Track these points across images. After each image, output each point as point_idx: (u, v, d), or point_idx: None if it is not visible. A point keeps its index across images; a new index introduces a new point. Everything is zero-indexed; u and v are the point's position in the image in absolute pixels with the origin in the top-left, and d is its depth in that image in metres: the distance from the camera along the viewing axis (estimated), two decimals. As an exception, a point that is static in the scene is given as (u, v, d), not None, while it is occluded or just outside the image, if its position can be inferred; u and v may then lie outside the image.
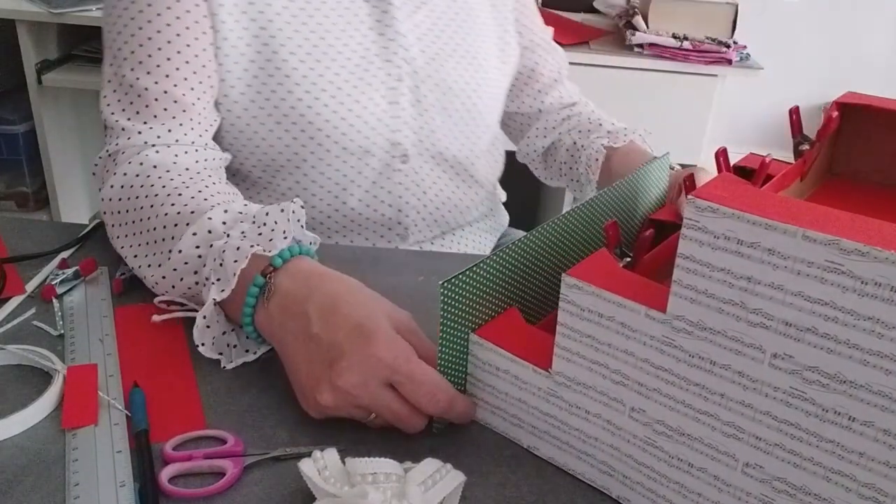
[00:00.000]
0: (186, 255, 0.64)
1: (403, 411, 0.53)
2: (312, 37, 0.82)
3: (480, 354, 0.55)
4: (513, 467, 0.54)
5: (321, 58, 0.82)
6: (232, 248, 0.60)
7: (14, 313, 0.67)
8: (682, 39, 1.84)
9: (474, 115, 0.93)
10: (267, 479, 0.51)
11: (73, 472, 0.50)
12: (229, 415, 0.57)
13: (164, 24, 0.76)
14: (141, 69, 0.76)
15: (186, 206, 0.67)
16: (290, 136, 0.83)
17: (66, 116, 2.06)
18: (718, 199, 0.41)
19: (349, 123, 0.83)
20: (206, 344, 0.61)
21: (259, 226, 0.63)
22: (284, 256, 0.60)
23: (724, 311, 0.42)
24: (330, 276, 0.60)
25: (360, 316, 0.55)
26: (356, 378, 0.52)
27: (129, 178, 0.72)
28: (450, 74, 0.90)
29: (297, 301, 0.57)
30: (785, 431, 0.42)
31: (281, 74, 0.81)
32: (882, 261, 0.37)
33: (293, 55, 0.81)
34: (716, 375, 0.44)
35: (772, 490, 0.44)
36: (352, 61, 0.84)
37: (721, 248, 0.41)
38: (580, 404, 0.51)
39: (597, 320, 0.48)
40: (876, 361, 0.38)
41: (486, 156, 0.99)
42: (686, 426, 0.47)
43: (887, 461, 0.40)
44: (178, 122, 0.76)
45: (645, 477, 0.50)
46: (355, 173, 0.86)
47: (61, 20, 1.80)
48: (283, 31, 0.81)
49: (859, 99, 0.64)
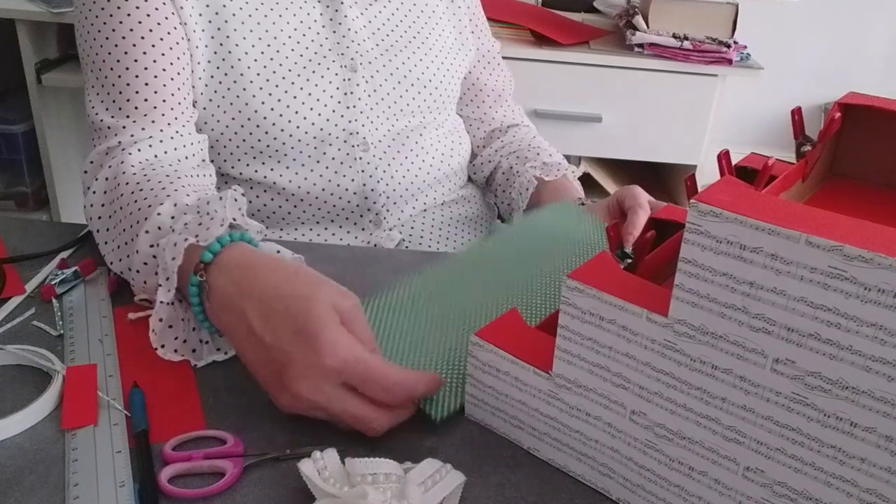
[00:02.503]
0: (143, 256, 0.64)
1: (360, 411, 0.52)
2: (266, 36, 0.85)
3: (481, 356, 0.55)
4: (513, 468, 0.54)
5: (274, 56, 0.85)
6: (170, 244, 0.60)
7: (13, 313, 0.66)
8: (683, 39, 1.83)
9: (432, 101, 0.96)
10: (267, 480, 0.51)
11: (72, 473, 0.50)
12: (229, 415, 0.57)
13: (135, 22, 0.77)
14: (119, 66, 0.77)
15: (146, 199, 0.67)
16: (246, 131, 0.85)
17: (66, 116, 2.05)
18: (721, 203, 0.41)
19: (302, 116, 0.86)
20: (167, 346, 0.61)
21: (202, 215, 0.62)
22: (214, 250, 0.58)
23: (726, 316, 0.42)
24: (263, 266, 0.57)
25: (300, 316, 0.52)
26: (308, 384, 0.51)
27: (106, 184, 0.73)
28: (405, 63, 0.93)
29: (231, 300, 0.56)
30: (786, 436, 0.42)
31: (235, 73, 0.83)
32: (886, 267, 0.36)
33: (247, 55, 0.84)
34: (717, 380, 0.44)
35: (772, 494, 0.44)
36: (304, 57, 0.87)
37: (723, 253, 0.41)
38: (581, 406, 0.51)
39: (598, 323, 0.48)
40: (878, 368, 0.38)
41: (447, 139, 1.00)
42: (687, 430, 0.46)
43: (889, 467, 0.40)
44: (159, 111, 0.78)
45: (645, 479, 0.50)
46: (314, 162, 0.88)
47: (61, 20, 1.80)
48: (238, 31, 0.84)
49: (862, 100, 0.64)
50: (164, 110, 0.78)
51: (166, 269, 0.60)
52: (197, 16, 0.82)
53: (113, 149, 0.75)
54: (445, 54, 0.99)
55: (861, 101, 0.64)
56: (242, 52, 0.84)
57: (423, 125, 0.96)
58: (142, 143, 0.75)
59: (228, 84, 0.84)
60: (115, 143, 0.75)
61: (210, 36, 0.83)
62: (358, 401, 0.52)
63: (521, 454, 0.55)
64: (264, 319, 0.54)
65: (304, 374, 0.51)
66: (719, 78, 1.85)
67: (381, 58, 0.92)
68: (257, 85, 0.84)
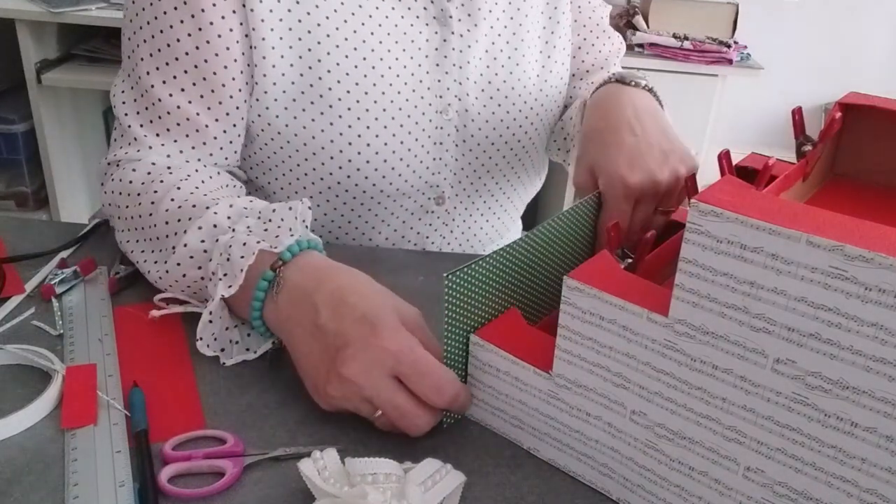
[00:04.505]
0: (191, 249, 0.63)
1: (407, 406, 0.53)
2: (363, 65, 0.76)
3: (481, 356, 0.55)
4: (513, 468, 0.54)
5: (370, 89, 0.77)
6: (238, 244, 0.60)
7: (13, 313, 0.66)
8: (683, 39, 1.84)
9: (517, 153, 0.89)
10: (266, 480, 0.51)
11: (72, 472, 0.50)
12: (229, 415, 0.57)
13: (184, 32, 0.70)
14: (157, 75, 0.72)
15: (187, 200, 0.66)
16: (326, 169, 0.79)
17: (66, 116, 2.06)
18: (722, 203, 0.41)
19: (391, 166, 0.80)
20: (206, 339, 0.61)
21: (265, 221, 0.62)
22: (293, 251, 0.60)
23: (726, 316, 0.42)
24: (339, 270, 0.59)
25: (367, 307, 0.55)
26: (360, 366, 0.52)
27: (133, 174, 0.71)
28: (495, 114, 0.85)
29: (305, 293, 0.57)
30: (787, 436, 0.42)
31: (323, 103, 0.76)
32: (886, 267, 0.36)
33: (339, 84, 0.76)
34: (718, 379, 0.44)
35: (773, 494, 0.44)
36: (402, 95, 0.79)
37: (724, 253, 0.41)
38: (581, 406, 0.51)
39: (598, 323, 0.48)
40: (879, 368, 0.38)
41: (523, 188, 0.95)
42: (687, 430, 0.46)
43: (889, 467, 0.39)
44: (190, 143, 0.74)
45: (645, 479, 0.50)
46: (387, 213, 0.84)
47: (61, 19, 1.80)
48: (332, 56, 0.75)
49: (862, 99, 0.64)
50: (195, 142, 0.74)
51: (228, 266, 0.60)
52: (284, 30, 0.73)
53: (139, 162, 0.73)
54: (536, 103, 0.88)
55: (862, 101, 0.64)
56: (335, 79, 0.75)
57: (504, 178, 0.91)
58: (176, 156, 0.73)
59: (313, 113, 0.76)
60: (140, 156, 0.73)
61: (297, 55, 0.74)
62: (406, 395, 0.53)
63: (521, 454, 0.55)
64: (332, 309, 0.55)
65: (358, 355, 0.52)
66: (719, 78, 1.85)
67: (476, 103, 0.83)
68: (346, 121, 0.76)
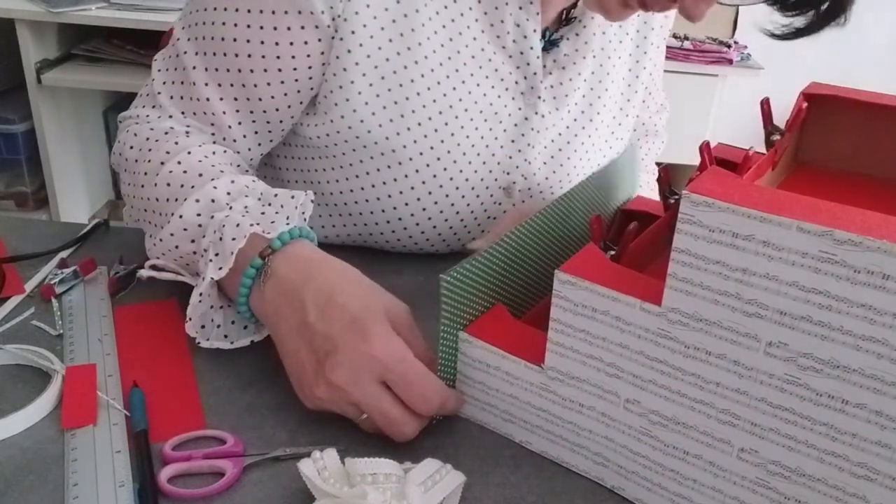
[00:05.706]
0: (186, 222, 0.63)
1: (394, 412, 0.53)
2: (443, 130, 0.75)
3: (470, 352, 0.56)
4: (513, 468, 0.54)
5: (443, 156, 0.75)
6: (232, 225, 0.59)
7: (13, 313, 0.66)
8: (683, 39, 1.85)
9: None
10: (266, 480, 0.51)
11: (72, 473, 0.50)
12: (229, 415, 0.56)
13: (243, 41, 0.68)
14: (199, 66, 0.70)
15: (193, 167, 0.65)
16: (370, 220, 0.78)
17: (66, 116, 2.04)
18: (713, 193, 0.42)
19: (438, 232, 0.79)
20: (195, 320, 0.60)
21: (264, 204, 0.62)
22: (284, 239, 0.59)
23: (719, 303, 0.43)
24: (329, 264, 0.59)
25: (356, 309, 0.54)
26: (349, 373, 0.52)
27: (150, 131, 0.70)
28: (553, 194, 0.84)
29: (293, 287, 0.57)
30: (780, 416, 0.44)
31: (392, 158, 0.74)
32: (874, 250, 0.38)
33: (415, 144, 0.74)
34: (711, 365, 0.45)
35: (766, 473, 0.46)
36: (472, 166, 0.77)
37: (716, 242, 0.42)
38: (574, 398, 0.52)
39: (591, 315, 0.49)
40: (868, 346, 0.40)
41: None
42: (681, 415, 0.48)
43: (879, 440, 0.41)
44: (214, 134, 0.73)
45: (640, 466, 0.51)
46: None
47: (61, 19, 1.79)
48: (415, 115, 0.73)
49: (825, 90, 0.66)
50: (216, 137, 0.72)
51: (220, 245, 0.59)
52: (366, 85, 0.71)
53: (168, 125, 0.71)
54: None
55: (824, 91, 0.66)
56: (410, 139, 0.73)
57: None
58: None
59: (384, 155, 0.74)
60: (162, 123, 0.71)
61: (381, 106, 0.72)
62: (394, 401, 0.53)
63: (521, 454, 0.56)
64: (320, 309, 0.54)
65: (347, 362, 0.52)
66: (720, 78, 1.86)
67: (542, 181, 0.82)
68: (415, 192, 0.76)
